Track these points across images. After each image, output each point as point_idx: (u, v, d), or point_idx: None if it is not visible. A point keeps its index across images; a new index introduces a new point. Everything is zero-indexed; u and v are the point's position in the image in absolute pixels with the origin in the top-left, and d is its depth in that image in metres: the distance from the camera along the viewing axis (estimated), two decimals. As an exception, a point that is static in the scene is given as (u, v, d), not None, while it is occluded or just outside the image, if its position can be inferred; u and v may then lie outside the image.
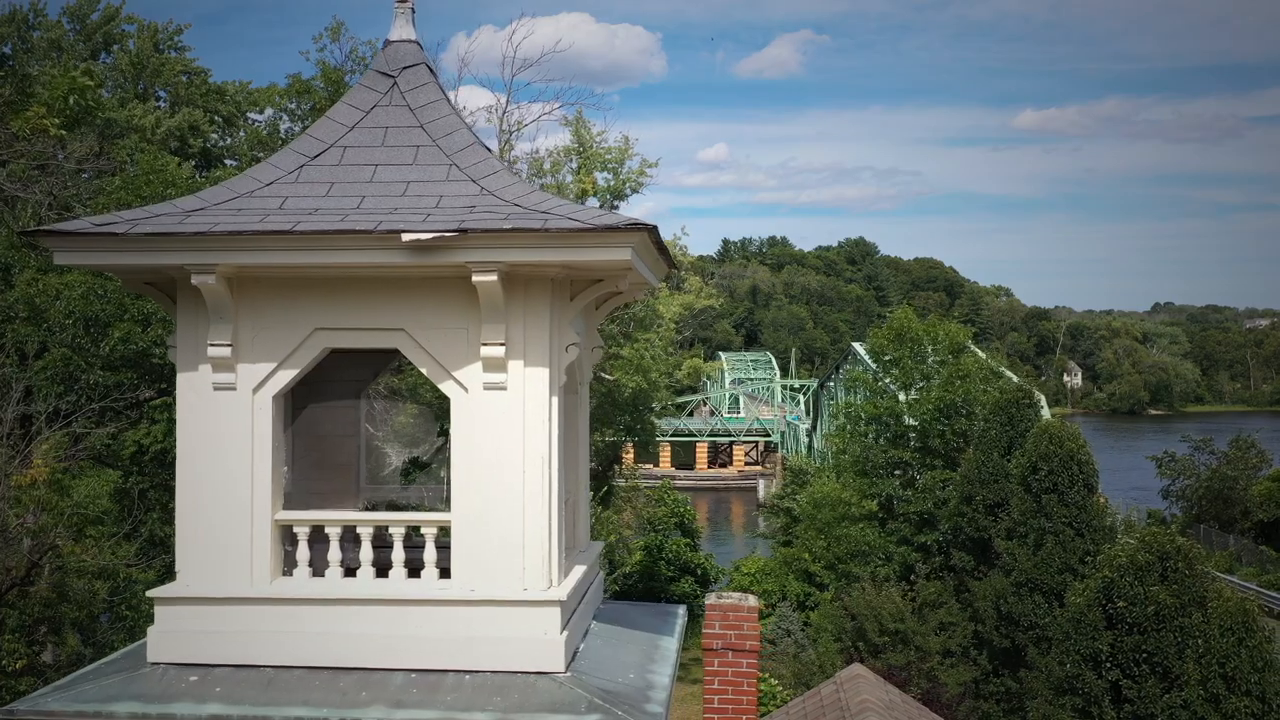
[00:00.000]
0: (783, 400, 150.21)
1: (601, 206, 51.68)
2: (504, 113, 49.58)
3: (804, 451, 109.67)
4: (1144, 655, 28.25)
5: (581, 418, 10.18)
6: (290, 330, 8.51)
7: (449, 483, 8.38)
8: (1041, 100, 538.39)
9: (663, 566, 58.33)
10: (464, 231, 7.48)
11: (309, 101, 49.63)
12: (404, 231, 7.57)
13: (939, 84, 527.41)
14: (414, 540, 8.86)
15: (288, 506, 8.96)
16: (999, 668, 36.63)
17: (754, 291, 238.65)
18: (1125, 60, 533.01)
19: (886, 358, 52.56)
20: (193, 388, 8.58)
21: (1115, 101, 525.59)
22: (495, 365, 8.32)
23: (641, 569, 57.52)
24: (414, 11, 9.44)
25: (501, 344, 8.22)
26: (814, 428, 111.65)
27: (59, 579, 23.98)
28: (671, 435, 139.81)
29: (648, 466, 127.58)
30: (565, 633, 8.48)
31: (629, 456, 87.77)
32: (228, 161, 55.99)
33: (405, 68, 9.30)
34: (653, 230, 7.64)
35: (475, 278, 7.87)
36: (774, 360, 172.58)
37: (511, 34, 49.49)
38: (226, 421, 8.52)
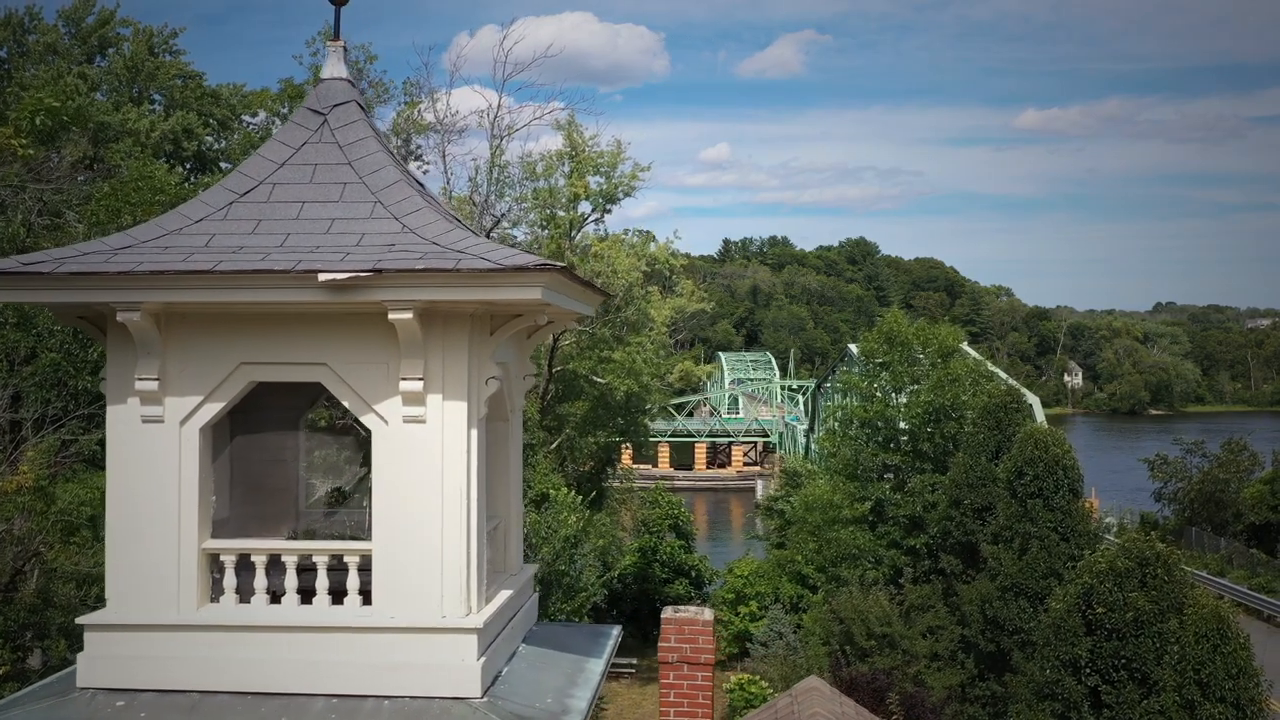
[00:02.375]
0: (782, 401, 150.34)
1: (594, 210, 51.85)
2: (495, 117, 49.88)
3: (801, 453, 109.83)
4: (1123, 661, 28.39)
5: (513, 444, 10.37)
6: (216, 365, 8.72)
7: (370, 512, 8.60)
8: (1043, 100, 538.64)
9: (657, 568, 58.50)
10: (378, 271, 7.71)
11: (300, 106, 49.75)
12: (320, 271, 7.78)
13: (941, 84, 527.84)
14: (342, 564, 9.07)
15: (225, 532, 9.18)
16: (984, 672, 36.76)
17: (754, 291, 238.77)
18: (1127, 60, 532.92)
19: (877, 361, 52.67)
20: (122, 420, 8.78)
21: (1117, 101, 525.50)
22: (414, 399, 8.54)
23: (636, 570, 57.73)
24: (346, 50, 9.67)
25: (420, 379, 8.44)
26: (811, 429, 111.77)
27: (44, 585, 24.14)
28: (670, 436, 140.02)
29: (646, 467, 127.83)
30: (483, 658, 8.67)
31: (627, 457, 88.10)
32: (223, 164, 56.23)
33: (336, 105, 9.52)
34: (565, 270, 7.84)
35: (391, 315, 8.08)
36: (774, 361, 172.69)
37: (503, 39, 49.87)
38: (155, 453, 8.73)
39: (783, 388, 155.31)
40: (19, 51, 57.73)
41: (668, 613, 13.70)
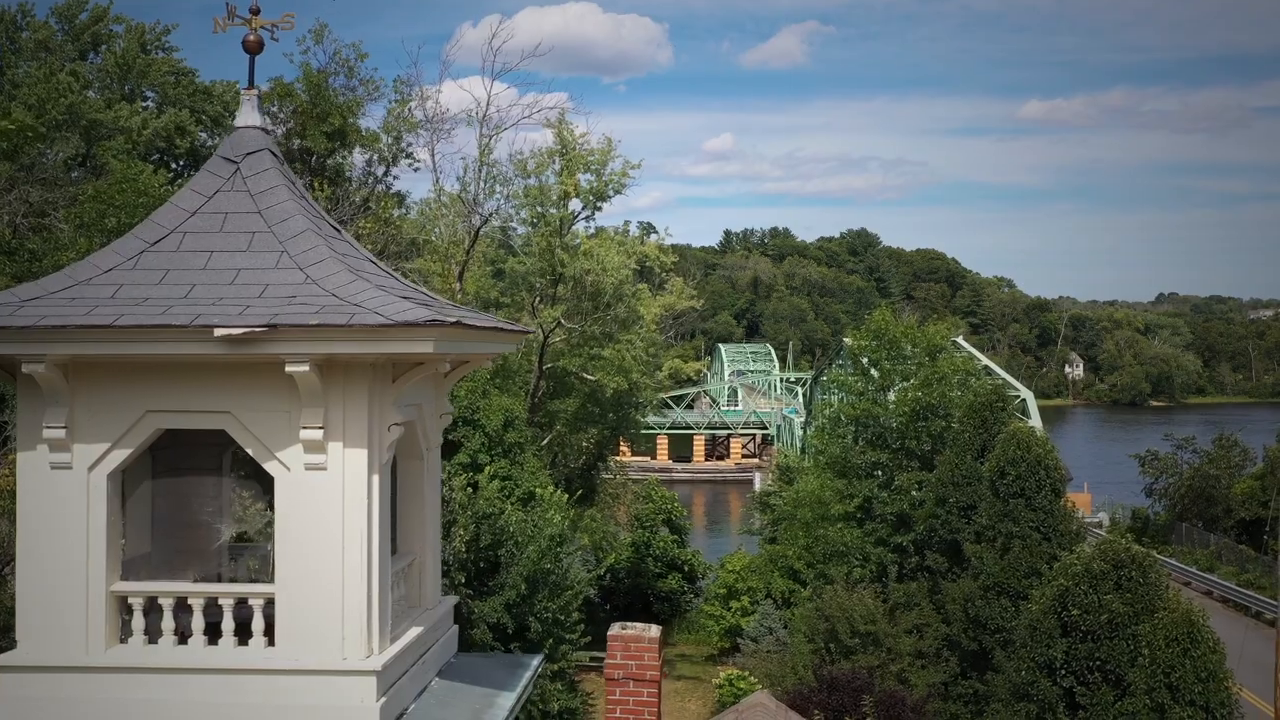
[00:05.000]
0: (781, 393, 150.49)
1: (585, 208, 51.91)
2: (484, 115, 49.99)
3: (799, 446, 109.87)
4: (1097, 663, 28.62)
5: (429, 481, 10.53)
6: (123, 413, 8.89)
7: (273, 556, 8.79)
8: (1048, 91, 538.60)
9: (650, 563, 58.74)
10: (273, 327, 7.89)
11: (291, 105, 49.91)
12: (217, 326, 7.97)
13: (945, 75, 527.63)
14: (248, 606, 9.22)
15: (147, 568, 9.36)
16: (967, 670, 36.96)
17: (755, 283, 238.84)
18: (1131, 51, 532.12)
19: (865, 359, 52.73)
20: (31, 466, 8.97)
21: (1121, 92, 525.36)
22: (315, 447, 8.73)
23: (629, 565, 57.98)
24: (260, 98, 9.79)
25: (320, 427, 8.63)
26: (808, 421, 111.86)
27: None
28: (669, 428, 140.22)
29: (645, 459, 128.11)
30: (383, 699, 8.86)
31: (625, 450, 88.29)
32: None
33: (249, 153, 9.67)
34: (456, 325, 8.03)
35: (289, 368, 8.28)
36: (773, 352, 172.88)
37: (491, 37, 49.94)
38: (63, 498, 8.91)
39: (782, 380, 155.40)
40: (11, 48, 57.81)
41: (614, 630, 13.85)
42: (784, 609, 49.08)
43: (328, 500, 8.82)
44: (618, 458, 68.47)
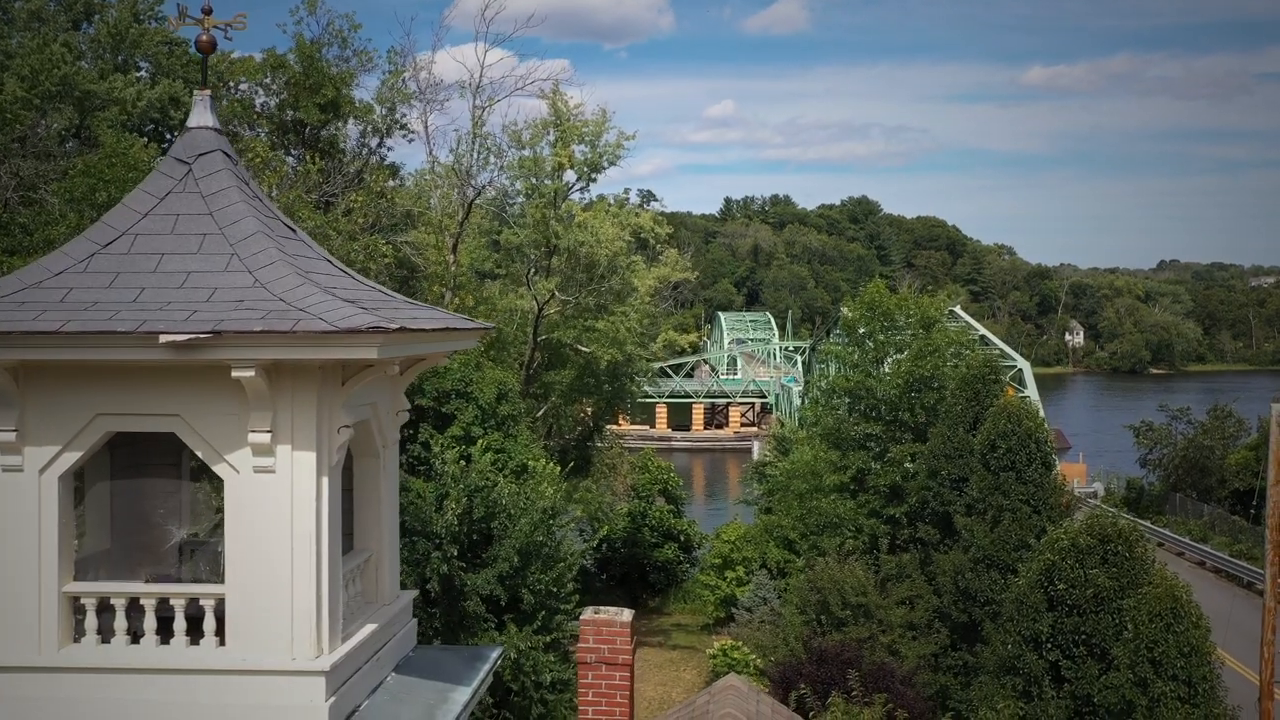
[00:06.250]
0: (780, 361, 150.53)
1: (579, 179, 51.79)
2: (477, 86, 49.78)
3: (797, 415, 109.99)
4: (1082, 637, 28.79)
5: (385, 478, 10.58)
6: (73, 416, 8.95)
7: (224, 557, 8.88)
8: (1050, 57, 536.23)
9: (646, 533, 59.04)
10: (217, 333, 7.94)
11: (284, 76, 49.71)
12: (162, 333, 8.02)
13: (948, 40, 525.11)
14: (199, 607, 9.31)
15: (105, 566, 9.43)
16: (957, 641, 37.17)
17: (755, 250, 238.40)
18: (1134, 16, 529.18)
19: (861, 331, 52.71)
20: None
21: (1124, 57, 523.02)
22: (263, 450, 8.80)
23: (625, 535, 58.23)
24: (212, 98, 9.78)
25: (268, 431, 8.70)
26: (806, 390, 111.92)
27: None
28: (668, 397, 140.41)
29: (644, 428, 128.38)
30: (332, 699, 8.96)
31: (623, 420, 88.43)
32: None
33: (201, 154, 9.68)
34: (400, 330, 8.09)
35: (235, 373, 8.34)
36: (773, 320, 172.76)
37: (484, 8, 49.66)
38: (14, 501, 8.99)
39: (781, 348, 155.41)
40: (4, 19, 57.53)
41: (586, 614, 13.97)
42: (779, 579, 49.26)
43: (276, 502, 8.89)
44: (615, 426, 68.53)
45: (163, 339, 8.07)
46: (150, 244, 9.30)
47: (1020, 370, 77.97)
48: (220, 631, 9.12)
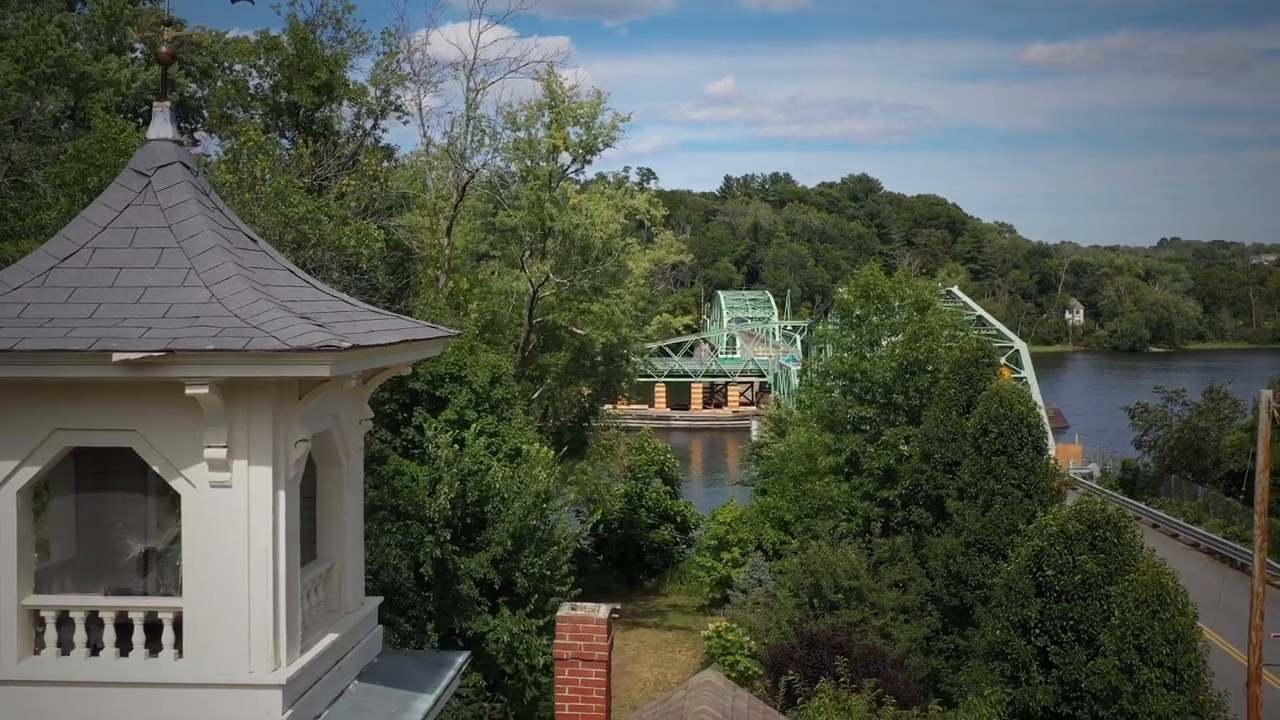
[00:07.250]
0: (779, 340, 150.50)
1: (574, 161, 51.64)
2: (470, 68, 49.65)
3: (794, 395, 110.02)
4: (1070, 623, 28.92)
5: (349, 486, 10.62)
6: (30, 431, 8.98)
7: (181, 570, 8.93)
8: (1052, 34, 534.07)
9: (642, 514, 59.17)
10: (170, 351, 7.99)
11: (277, 58, 49.51)
12: (115, 351, 8.08)
13: (949, 17, 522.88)
14: (158, 620, 9.36)
15: (70, 577, 9.45)
16: (948, 625, 37.33)
17: (755, 229, 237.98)
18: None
19: (856, 314, 52.67)
20: None
21: (1125, 35, 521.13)
22: (219, 465, 8.84)
23: (622, 516, 58.35)
24: (173, 110, 9.77)
25: (224, 446, 8.74)
26: (803, 371, 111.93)
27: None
28: (667, 376, 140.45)
29: (643, 407, 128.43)
30: (289, 711, 9.03)
31: (622, 400, 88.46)
32: (205, 113, 55.95)
33: (160, 166, 9.68)
34: (352, 349, 8.13)
35: (189, 390, 8.38)
36: (772, 299, 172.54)
37: (477, -9, 49.42)
38: None
39: (781, 327, 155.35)
40: (-1, 0, 57.25)
41: (564, 610, 13.98)
42: (774, 560, 49.41)
43: (233, 517, 8.93)
44: (613, 407, 68.51)
45: (116, 358, 8.12)
46: (109, 258, 9.31)
47: (1017, 351, 78.04)
48: (179, 644, 9.18)
